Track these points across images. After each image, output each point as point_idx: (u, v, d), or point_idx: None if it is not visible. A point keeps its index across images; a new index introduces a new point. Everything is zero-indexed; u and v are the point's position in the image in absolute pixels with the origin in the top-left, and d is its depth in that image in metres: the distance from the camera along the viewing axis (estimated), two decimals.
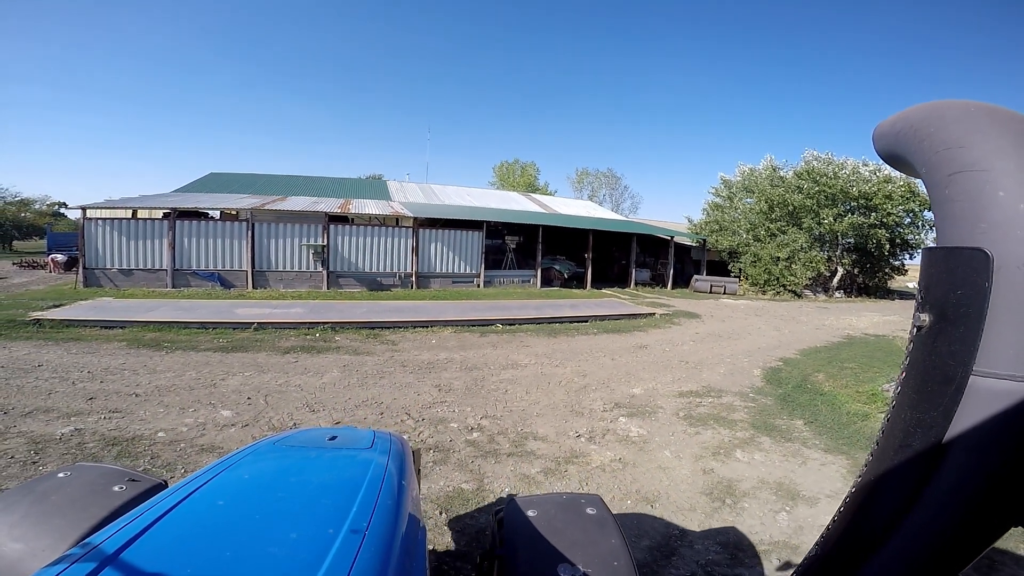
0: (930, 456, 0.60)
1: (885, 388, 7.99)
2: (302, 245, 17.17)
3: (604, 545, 1.78)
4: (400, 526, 1.35)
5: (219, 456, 4.58)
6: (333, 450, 1.82)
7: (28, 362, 7.44)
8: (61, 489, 1.77)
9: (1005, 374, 0.54)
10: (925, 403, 0.62)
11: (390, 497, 1.45)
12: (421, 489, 3.00)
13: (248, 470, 1.58)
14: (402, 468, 1.76)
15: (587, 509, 1.99)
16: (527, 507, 1.97)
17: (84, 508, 1.66)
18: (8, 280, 18.85)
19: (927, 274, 0.64)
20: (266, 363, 7.73)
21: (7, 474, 4.17)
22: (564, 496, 2.11)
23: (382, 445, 1.91)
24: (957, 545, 0.59)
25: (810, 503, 4.36)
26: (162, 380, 6.76)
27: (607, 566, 1.67)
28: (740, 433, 5.86)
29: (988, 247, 0.56)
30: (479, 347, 9.68)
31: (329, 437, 1.93)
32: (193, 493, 1.34)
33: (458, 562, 3.22)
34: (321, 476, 1.61)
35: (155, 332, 9.60)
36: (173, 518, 1.21)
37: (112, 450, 4.68)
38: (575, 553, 1.72)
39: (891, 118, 0.76)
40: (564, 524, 1.88)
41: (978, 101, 0.67)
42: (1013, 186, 0.55)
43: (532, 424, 5.70)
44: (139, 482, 1.87)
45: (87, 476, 1.89)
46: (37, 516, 1.62)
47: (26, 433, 4.97)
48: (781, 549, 3.66)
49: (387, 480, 1.56)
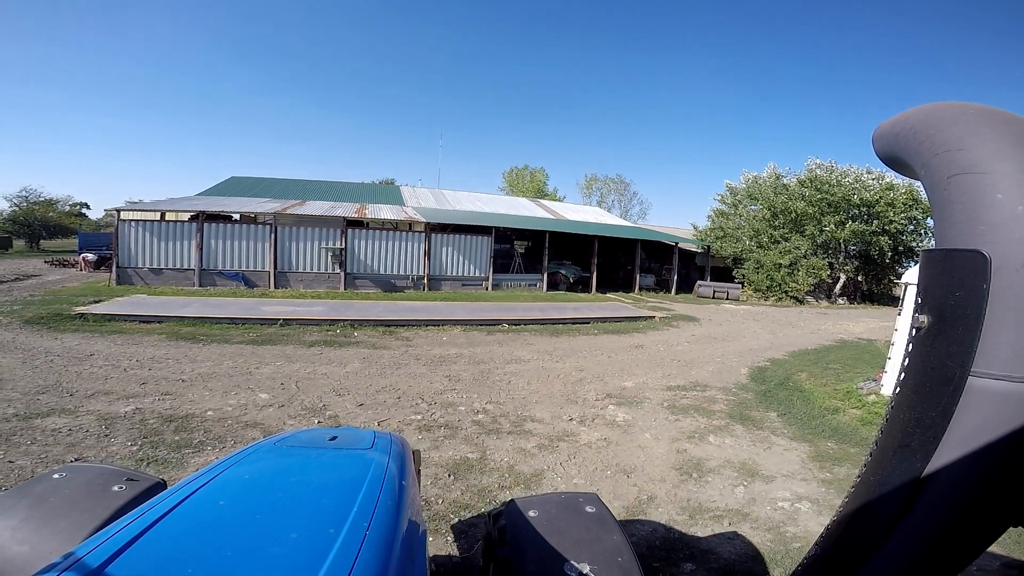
0: (928, 456, 0.59)
1: (860, 387, 8.61)
2: (322, 248, 18.13)
3: (607, 542, 1.83)
4: (401, 526, 1.37)
5: (263, 431, 5.41)
6: (333, 450, 1.84)
7: (81, 351, 8.34)
8: (59, 491, 1.77)
9: (1003, 375, 0.54)
10: (924, 403, 0.62)
11: (391, 497, 1.47)
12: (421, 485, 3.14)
13: (248, 470, 1.59)
14: (403, 468, 1.77)
15: (586, 507, 2.04)
16: (527, 508, 2.00)
17: (86, 509, 1.67)
18: (43, 277, 20.02)
19: (926, 276, 0.64)
20: (294, 355, 8.58)
21: (86, 444, 4.97)
22: (563, 495, 2.18)
23: (382, 445, 1.92)
24: (956, 545, 0.60)
25: (767, 480, 5.03)
26: (203, 368, 7.61)
27: (611, 562, 1.72)
28: (716, 421, 6.55)
29: (986, 249, 0.56)
30: (486, 344, 10.47)
31: (329, 437, 1.95)
32: (194, 493, 1.35)
33: (463, 511, 3.97)
34: (321, 476, 1.63)
35: (190, 327, 10.50)
36: (174, 518, 1.22)
37: (170, 426, 5.49)
38: (579, 551, 1.76)
39: (890, 120, 0.76)
40: (565, 523, 1.92)
41: (977, 103, 0.68)
42: (1011, 188, 0.55)
43: (531, 409, 6.47)
44: (138, 482, 1.88)
45: (84, 476, 1.89)
46: (39, 519, 1.61)
47: (94, 411, 5.80)
48: (733, 516, 4.33)
49: (388, 480, 1.57)
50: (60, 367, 7.42)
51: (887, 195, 24.87)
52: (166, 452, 4.79)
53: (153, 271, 16.93)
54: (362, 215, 20.31)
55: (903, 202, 24.83)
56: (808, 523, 4.22)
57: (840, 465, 5.45)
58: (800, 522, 4.24)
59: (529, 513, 1.96)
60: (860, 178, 25.66)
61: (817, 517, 4.32)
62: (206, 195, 23.57)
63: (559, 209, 33.63)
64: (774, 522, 4.22)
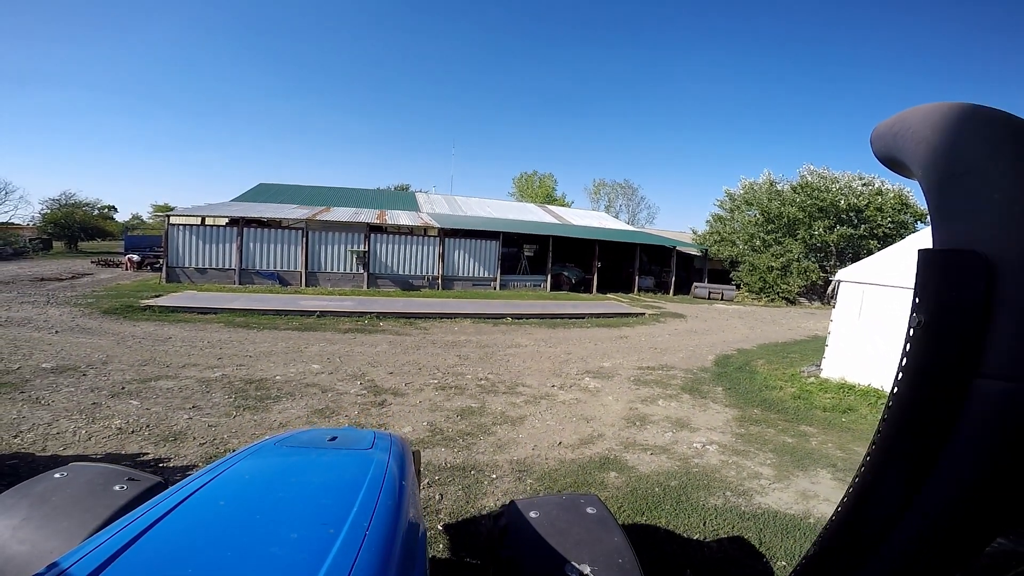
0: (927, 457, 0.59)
1: (803, 371, 10.25)
2: (349, 251, 20.22)
3: (607, 543, 1.84)
4: (401, 526, 1.38)
5: (320, 389, 7.28)
6: (333, 450, 1.85)
7: (159, 335, 10.30)
8: (60, 490, 1.79)
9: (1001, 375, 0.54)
10: (921, 404, 0.62)
11: (391, 497, 1.48)
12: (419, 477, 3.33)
13: (249, 470, 1.61)
14: (403, 468, 1.78)
15: (587, 509, 2.06)
16: (528, 509, 2.03)
17: (87, 508, 1.68)
18: (95, 276, 22.22)
19: (923, 276, 0.63)
20: (332, 338, 10.50)
21: (196, 397, 6.73)
22: (563, 497, 2.22)
23: (382, 445, 1.94)
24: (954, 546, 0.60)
25: (692, 431, 6.68)
26: (263, 348, 9.53)
27: (612, 564, 1.74)
28: (670, 392, 8.28)
29: (984, 249, 0.55)
30: (491, 333, 12.32)
31: (329, 437, 1.97)
32: (194, 493, 1.36)
33: (467, 437, 5.77)
34: (322, 476, 1.64)
35: (242, 317, 12.48)
36: (174, 518, 1.22)
37: (251, 385, 7.34)
38: (580, 552, 1.77)
39: (888, 120, 0.75)
40: (566, 524, 1.94)
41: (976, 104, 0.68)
42: (1009, 188, 0.55)
43: (523, 379, 8.27)
44: (139, 481, 1.90)
45: (85, 476, 1.91)
46: (40, 518, 1.63)
47: (191, 377, 7.67)
48: (657, 449, 5.94)
49: (388, 480, 1.58)
50: (148, 347, 9.36)
51: (876, 200, 26.22)
52: (254, 402, 6.64)
53: (198, 270, 19.07)
54: (382, 221, 22.32)
55: (892, 206, 26.15)
56: (710, 459, 5.76)
57: (757, 425, 7.05)
58: (704, 457, 5.85)
59: (530, 514, 2.00)
60: (849, 184, 27.04)
61: (719, 455, 5.87)
62: (240, 201, 25.77)
63: (565, 214, 35.40)
64: (685, 455, 5.87)
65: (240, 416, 6.08)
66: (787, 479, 5.30)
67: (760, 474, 5.39)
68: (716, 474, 5.32)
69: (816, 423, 7.21)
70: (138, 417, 5.83)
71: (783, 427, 6.95)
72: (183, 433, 5.46)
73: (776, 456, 5.89)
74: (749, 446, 6.16)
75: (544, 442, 5.83)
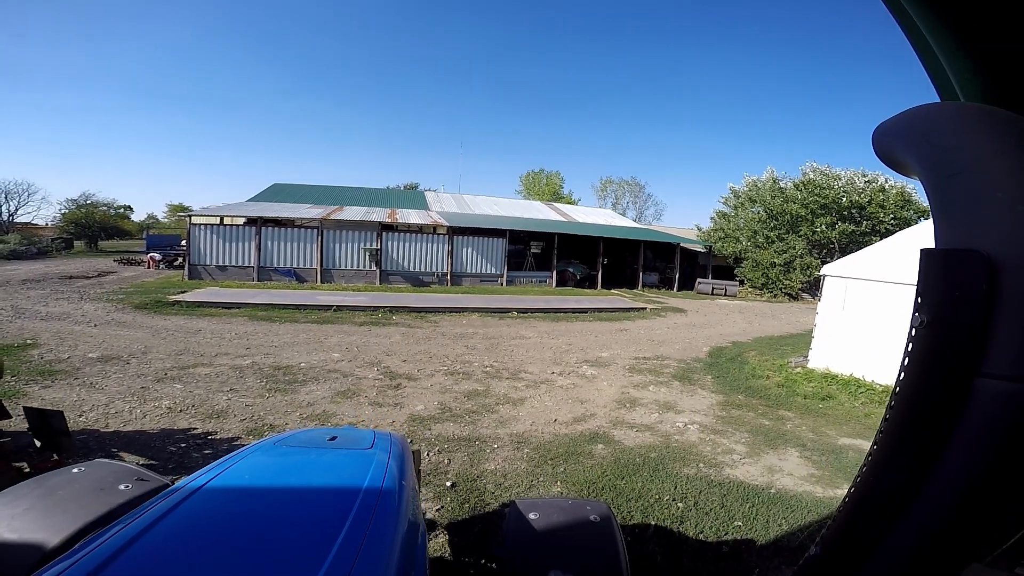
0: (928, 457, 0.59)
1: (791, 361, 10.85)
2: (362, 249, 21.08)
3: (600, 553, 1.84)
4: (400, 527, 1.38)
5: (342, 374, 8.05)
6: (333, 450, 1.86)
7: (190, 328, 11.13)
8: (70, 484, 1.86)
9: (1002, 375, 0.53)
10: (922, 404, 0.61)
11: (391, 497, 1.49)
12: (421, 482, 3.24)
13: (249, 470, 1.62)
14: (402, 468, 1.79)
15: (591, 515, 2.03)
16: (529, 510, 2.03)
17: (85, 505, 1.71)
18: (120, 274, 23.23)
19: (925, 275, 0.62)
20: (349, 330, 11.30)
21: (231, 382, 7.55)
22: (570, 501, 2.19)
23: (382, 445, 1.95)
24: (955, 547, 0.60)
25: (677, 413, 7.33)
26: (286, 339, 10.33)
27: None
28: (661, 379, 8.94)
29: (986, 249, 0.55)
30: (497, 326, 13.06)
31: (329, 437, 1.97)
32: (194, 493, 1.37)
33: (472, 415, 6.50)
34: (322, 476, 1.66)
35: (264, 311, 13.32)
36: (175, 517, 1.23)
37: (279, 371, 8.12)
38: (570, 559, 1.77)
39: (890, 120, 0.74)
40: (564, 529, 1.93)
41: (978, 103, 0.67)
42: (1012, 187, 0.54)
43: (525, 366, 8.99)
44: (146, 481, 1.93)
45: (99, 473, 1.97)
46: (40, 510, 1.68)
47: (224, 364, 8.45)
48: (642, 427, 6.61)
49: (387, 480, 1.59)
50: (181, 338, 10.18)
51: (879, 197, 26.53)
52: (283, 385, 7.41)
53: (219, 268, 20.00)
54: (394, 219, 23.13)
55: (894, 203, 26.44)
56: (690, 436, 6.38)
57: (738, 409, 7.66)
58: (685, 435, 6.48)
59: (529, 515, 2.00)
60: (852, 181, 27.37)
61: (699, 434, 6.48)
62: (255, 201, 26.70)
63: (570, 211, 36.02)
64: (668, 433, 6.51)
65: (272, 397, 6.85)
66: (757, 455, 5.93)
67: (733, 450, 6.03)
68: (693, 449, 5.98)
69: (795, 408, 7.82)
70: (183, 398, 6.60)
71: (763, 411, 7.58)
72: (225, 411, 6.23)
73: (751, 436, 6.53)
74: (728, 427, 6.81)
75: (541, 419, 6.54)
